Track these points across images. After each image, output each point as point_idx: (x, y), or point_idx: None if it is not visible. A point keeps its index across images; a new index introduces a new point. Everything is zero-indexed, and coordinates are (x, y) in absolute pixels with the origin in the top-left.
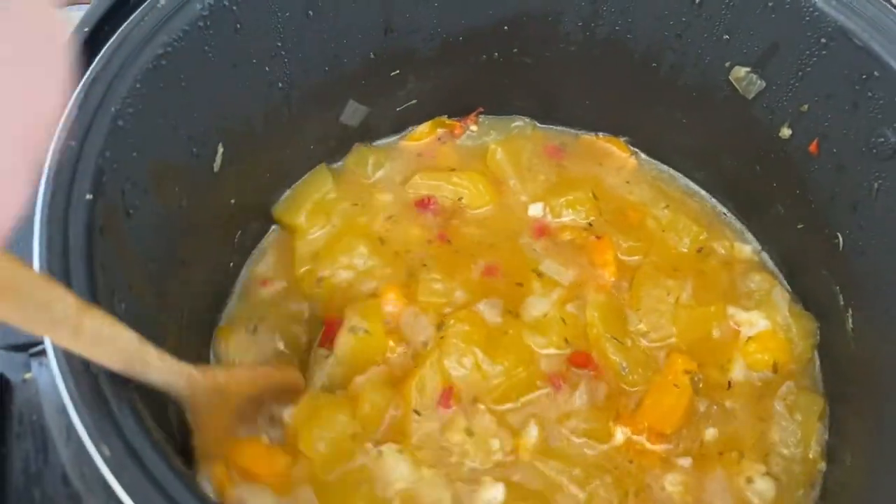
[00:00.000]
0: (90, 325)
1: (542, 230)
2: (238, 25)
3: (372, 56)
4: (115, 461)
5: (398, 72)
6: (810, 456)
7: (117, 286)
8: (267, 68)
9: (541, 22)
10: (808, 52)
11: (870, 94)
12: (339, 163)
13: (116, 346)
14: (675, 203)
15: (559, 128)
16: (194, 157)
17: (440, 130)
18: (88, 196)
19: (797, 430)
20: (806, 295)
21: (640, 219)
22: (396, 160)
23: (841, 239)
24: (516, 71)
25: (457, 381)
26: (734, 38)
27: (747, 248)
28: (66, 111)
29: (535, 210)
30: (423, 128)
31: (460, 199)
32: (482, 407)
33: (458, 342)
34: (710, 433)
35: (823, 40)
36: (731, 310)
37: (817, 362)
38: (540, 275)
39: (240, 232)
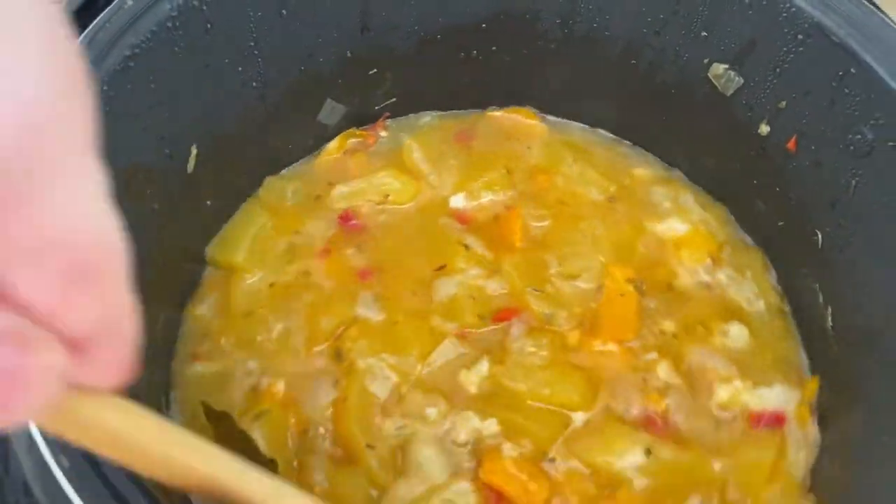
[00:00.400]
0: None
1: (464, 218)
2: (209, 25)
3: (348, 55)
4: (73, 472)
5: (375, 70)
6: (773, 301)
7: None
8: (240, 68)
9: (519, 20)
10: (785, 49)
11: (846, 90)
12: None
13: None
14: (581, 155)
15: (465, 111)
16: (167, 158)
17: (352, 142)
18: None
19: (753, 285)
20: (789, 292)
21: (550, 179)
22: (313, 182)
23: (820, 236)
24: (495, 69)
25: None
26: (712, 35)
27: (643, 170)
28: None
29: (457, 201)
30: (334, 143)
31: (387, 196)
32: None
33: (364, 361)
34: (669, 324)
35: (800, 37)
36: (648, 225)
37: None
38: (467, 248)
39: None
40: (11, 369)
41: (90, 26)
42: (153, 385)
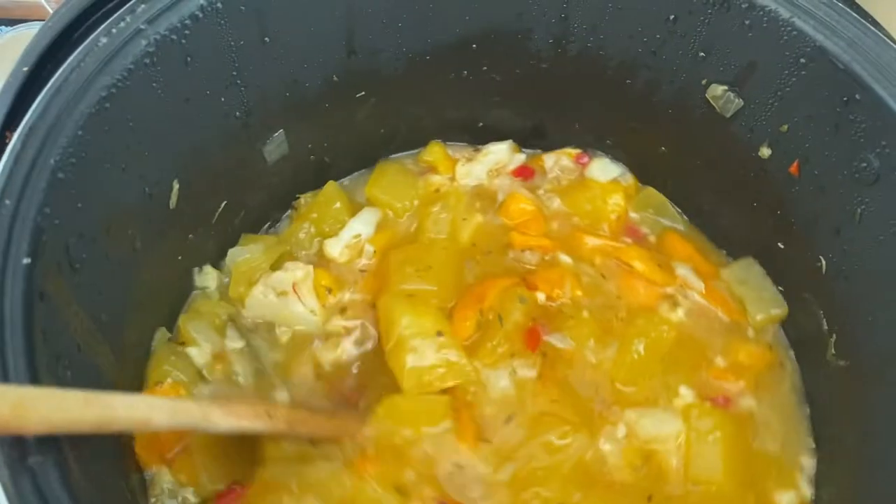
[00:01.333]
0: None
1: None
2: (188, 58)
3: (335, 79)
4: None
5: (363, 93)
6: None
7: (62, 351)
8: (223, 99)
9: (510, 39)
10: (786, 72)
11: (851, 116)
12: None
13: (177, 420)
14: None
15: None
16: (147, 197)
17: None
18: (26, 260)
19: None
20: (788, 318)
21: None
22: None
23: (824, 262)
24: (486, 89)
25: None
26: (710, 56)
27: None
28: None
29: None
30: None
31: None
32: None
33: None
34: None
35: (803, 60)
36: None
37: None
38: None
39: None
40: None
41: (62, 67)
42: None
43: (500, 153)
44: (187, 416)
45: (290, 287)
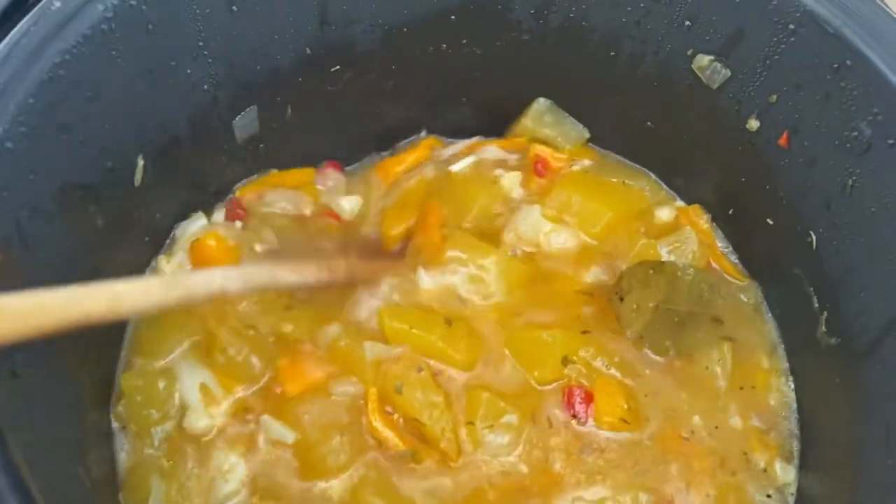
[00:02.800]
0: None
1: None
2: (150, 26)
3: (308, 52)
4: None
5: (338, 67)
6: None
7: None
8: (189, 70)
9: (490, 10)
10: (775, 39)
11: (842, 84)
12: None
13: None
14: None
15: None
16: (109, 172)
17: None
18: None
19: None
20: (775, 295)
21: None
22: None
23: (815, 237)
24: (466, 64)
25: None
26: (696, 25)
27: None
28: None
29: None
30: None
31: None
32: None
33: None
34: None
35: (792, 26)
36: None
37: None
38: None
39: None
40: None
41: (12, 31)
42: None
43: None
44: (258, 278)
45: None
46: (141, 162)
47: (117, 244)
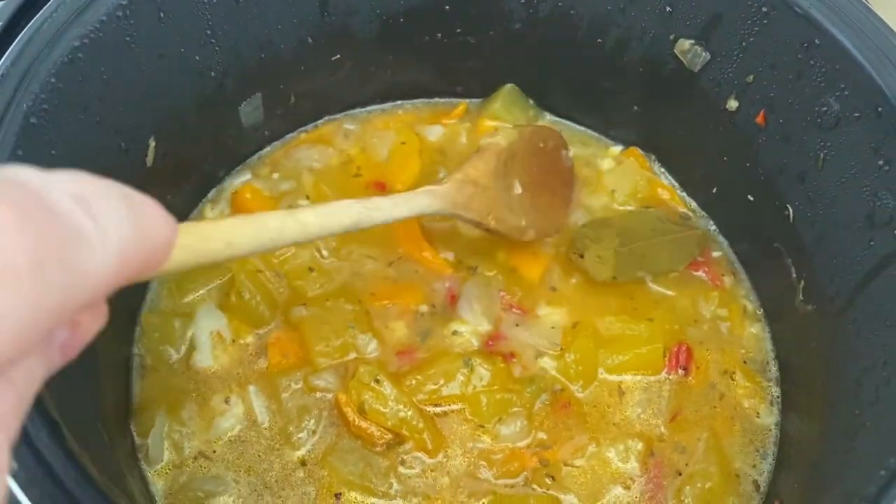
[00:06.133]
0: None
1: None
2: (161, 14)
3: (309, 40)
4: (24, 476)
5: (338, 56)
6: None
7: None
8: (197, 57)
9: (483, 0)
10: (750, 22)
11: (812, 62)
12: None
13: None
14: None
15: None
16: (124, 152)
17: None
18: None
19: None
20: (759, 270)
21: None
22: None
23: (791, 211)
24: (461, 52)
25: None
26: (677, 10)
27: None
28: None
29: None
30: None
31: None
32: None
33: None
34: None
35: (765, 9)
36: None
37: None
38: None
39: None
40: None
41: (35, 17)
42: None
43: None
44: (419, 205)
45: None
46: (153, 143)
47: None
